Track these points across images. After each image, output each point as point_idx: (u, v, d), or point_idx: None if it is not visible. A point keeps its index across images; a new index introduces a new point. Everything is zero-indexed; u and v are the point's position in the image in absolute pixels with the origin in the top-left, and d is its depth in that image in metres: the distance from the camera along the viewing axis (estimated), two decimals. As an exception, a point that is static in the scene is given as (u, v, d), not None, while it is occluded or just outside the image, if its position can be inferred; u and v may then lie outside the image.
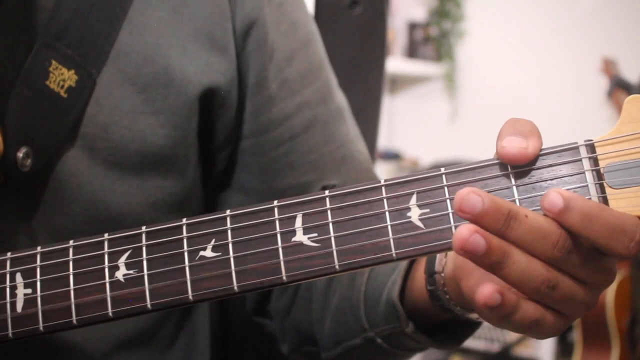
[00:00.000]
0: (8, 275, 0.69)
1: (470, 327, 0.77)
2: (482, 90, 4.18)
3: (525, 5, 4.02)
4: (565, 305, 0.60)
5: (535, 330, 0.60)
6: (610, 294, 3.29)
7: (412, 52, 4.30)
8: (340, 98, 0.95)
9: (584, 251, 0.59)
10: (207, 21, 0.86)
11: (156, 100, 0.83)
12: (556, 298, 0.59)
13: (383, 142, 4.23)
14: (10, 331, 0.68)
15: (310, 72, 0.92)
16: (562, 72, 3.86)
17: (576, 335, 3.42)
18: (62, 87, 0.78)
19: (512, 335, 3.82)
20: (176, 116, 0.84)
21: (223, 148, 0.91)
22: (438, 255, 0.72)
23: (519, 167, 0.61)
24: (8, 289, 0.69)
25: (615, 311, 3.28)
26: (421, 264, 0.75)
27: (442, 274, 0.72)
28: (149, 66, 0.83)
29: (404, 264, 0.78)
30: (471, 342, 4.02)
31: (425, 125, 4.34)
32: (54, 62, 0.78)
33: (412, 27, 4.31)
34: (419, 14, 4.34)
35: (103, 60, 0.81)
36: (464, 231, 0.56)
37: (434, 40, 4.30)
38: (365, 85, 1.19)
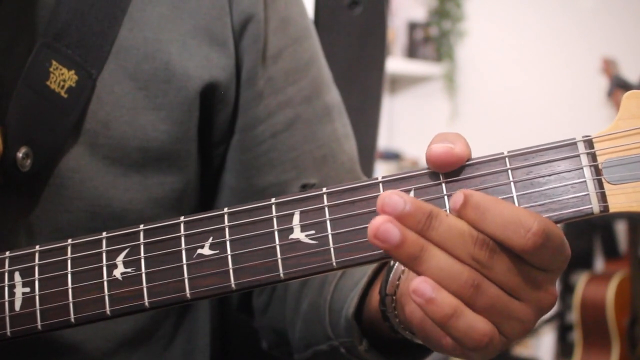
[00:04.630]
0: (7, 274, 0.69)
1: (426, 351, 0.77)
2: (482, 90, 4.17)
3: (525, 5, 4.02)
4: (497, 315, 0.59)
5: (469, 341, 0.59)
6: (610, 294, 3.29)
7: (412, 52, 4.30)
8: (331, 96, 0.95)
9: (510, 257, 0.59)
10: (207, 16, 0.86)
11: (157, 96, 0.83)
12: (483, 302, 0.58)
13: (383, 142, 4.23)
14: (8, 330, 0.68)
15: (297, 70, 0.92)
16: (562, 72, 3.85)
17: (576, 335, 3.42)
18: (63, 87, 0.78)
19: (512, 335, 3.82)
20: (177, 112, 0.84)
21: (221, 143, 0.91)
22: (390, 278, 0.72)
23: (517, 163, 0.61)
24: (7, 288, 0.69)
25: (615, 311, 3.28)
26: (379, 281, 0.75)
27: (394, 297, 0.71)
28: (149, 62, 0.83)
29: (365, 278, 0.78)
30: (471, 342, 4.02)
31: (425, 125, 4.34)
32: (54, 62, 0.78)
33: (412, 27, 4.30)
34: (419, 14, 4.33)
35: (103, 60, 0.81)
36: (378, 219, 0.57)
37: (434, 40, 4.29)
38: (365, 85, 1.19)
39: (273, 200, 0.64)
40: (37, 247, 0.69)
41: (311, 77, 0.93)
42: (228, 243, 0.64)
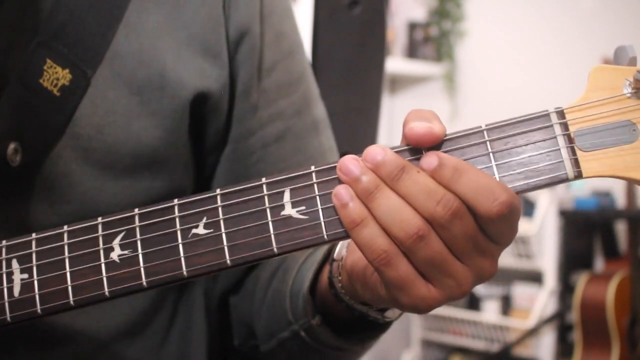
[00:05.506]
0: (4, 262, 0.70)
1: (375, 330, 0.80)
2: (482, 90, 4.18)
3: (526, 5, 4.02)
4: (435, 270, 0.64)
5: (404, 291, 0.64)
6: (610, 294, 3.29)
7: (412, 52, 4.30)
8: (318, 110, 0.97)
9: (468, 223, 0.63)
10: (202, 28, 0.87)
11: (151, 102, 0.84)
12: (424, 255, 0.63)
13: (383, 142, 4.22)
14: (8, 315, 0.70)
15: (289, 84, 0.94)
16: (562, 72, 3.85)
17: (576, 335, 3.42)
18: (56, 85, 0.79)
19: (512, 335, 3.82)
20: (170, 119, 0.85)
21: (212, 152, 0.93)
22: (339, 247, 0.76)
23: (495, 135, 0.64)
24: (5, 275, 0.70)
25: (615, 311, 3.28)
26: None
27: (340, 262, 0.75)
28: (144, 69, 0.84)
29: (321, 256, 0.81)
30: (471, 342, 4.02)
31: (425, 126, 4.33)
32: (49, 60, 0.79)
33: (412, 27, 4.30)
34: (419, 14, 4.34)
35: (98, 60, 0.82)
36: (347, 156, 0.64)
37: (434, 40, 4.30)
38: (365, 85, 1.19)
39: (263, 179, 0.66)
40: (34, 235, 0.70)
41: (302, 91, 0.95)
42: (222, 222, 0.66)
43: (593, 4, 3.78)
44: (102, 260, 0.68)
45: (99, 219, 0.69)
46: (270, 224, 0.65)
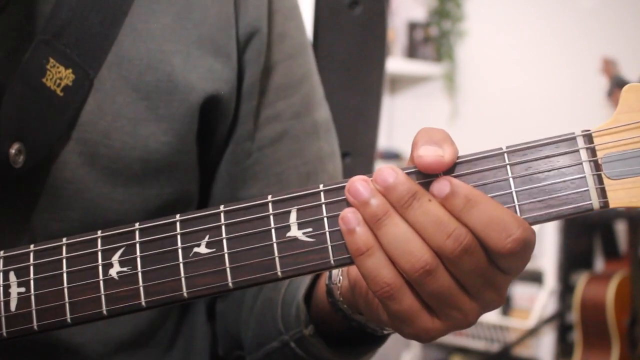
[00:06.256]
0: (1, 274, 0.69)
1: (371, 343, 0.78)
2: (482, 90, 4.17)
3: (525, 5, 4.02)
4: (441, 304, 0.61)
5: (407, 323, 0.62)
6: (610, 294, 3.29)
7: (412, 52, 4.30)
8: (320, 114, 0.95)
9: (479, 259, 0.59)
10: (212, 27, 0.85)
11: (159, 107, 0.83)
12: (431, 289, 0.60)
13: (383, 142, 4.23)
14: (4, 330, 0.68)
15: (289, 85, 0.91)
16: (562, 72, 3.85)
17: (576, 335, 3.42)
18: (59, 85, 0.78)
19: (512, 335, 3.82)
20: (179, 123, 0.84)
21: (218, 154, 0.91)
22: None
23: (516, 159, 0.60)
24: (1, 288, 0.69)
25: (615, 311, 3.28)
26: None
27: (339, 271, 0.73)
28: (152, 73, 0.82)
29: None
30: (471, 342, 4.02)
31: (425, 125, 4.33)
32: (51, 60, 0.78)
33: (412, 27, 4.30)
34: (419, 14, 4.33)
35: (101, 60, 0.81)
36: (356, 177, 0.61)
37: (434, 40, 4.29)
38: (365, 85, 1.18)
39: (270, 198, 0.64)
40: (32, 247, 0.69)
41: (303, 94, 0.93)
42: (225, 241, 0.64)
43: (593, 4, 3.78)
44: (101, 277, 0.66)
45: (99, 233, 0.67)
46: (275, 245, 0.63)
